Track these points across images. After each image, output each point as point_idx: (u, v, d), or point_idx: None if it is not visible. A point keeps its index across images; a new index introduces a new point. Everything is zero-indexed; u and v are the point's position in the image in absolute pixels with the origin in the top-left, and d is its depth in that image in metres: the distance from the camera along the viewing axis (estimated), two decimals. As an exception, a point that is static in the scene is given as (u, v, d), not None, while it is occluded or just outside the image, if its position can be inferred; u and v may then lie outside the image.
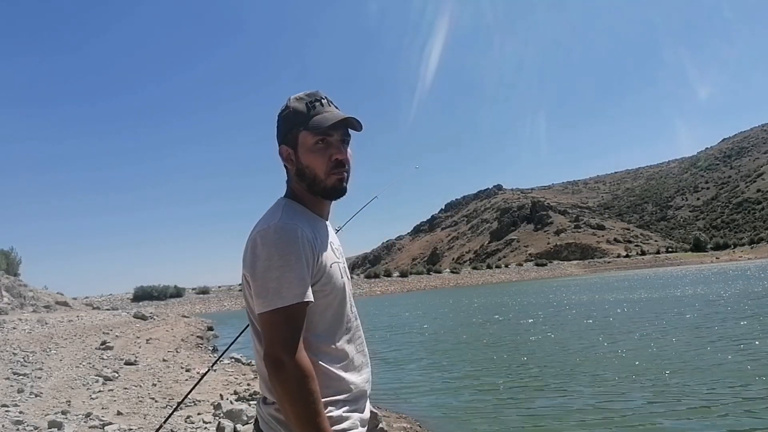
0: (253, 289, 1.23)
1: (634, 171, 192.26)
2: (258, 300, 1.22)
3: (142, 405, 6.06)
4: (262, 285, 1.21)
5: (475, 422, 6.20)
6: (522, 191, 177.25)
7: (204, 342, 16.33)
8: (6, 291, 20.20)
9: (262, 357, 1.25)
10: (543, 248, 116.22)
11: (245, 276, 1.27)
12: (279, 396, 1.19)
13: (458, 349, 12.36)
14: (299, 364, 1.17)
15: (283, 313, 1.19)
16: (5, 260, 23.94)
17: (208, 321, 25.10)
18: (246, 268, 1.26)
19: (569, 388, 7.29)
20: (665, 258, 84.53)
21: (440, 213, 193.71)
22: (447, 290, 54.17)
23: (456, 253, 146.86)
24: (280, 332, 1.19)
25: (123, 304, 41.72)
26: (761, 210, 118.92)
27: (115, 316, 21.36)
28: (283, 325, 1.19)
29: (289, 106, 1.38)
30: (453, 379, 8.83)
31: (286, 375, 1.16)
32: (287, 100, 1.40)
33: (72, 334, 12.88)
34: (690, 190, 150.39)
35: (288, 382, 1.16)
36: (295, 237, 1.23)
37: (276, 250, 1.22)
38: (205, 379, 3.46)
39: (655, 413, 5.79)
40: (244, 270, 1.27)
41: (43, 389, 6.43)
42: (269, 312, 1.20)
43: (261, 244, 1.23)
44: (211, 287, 53.61)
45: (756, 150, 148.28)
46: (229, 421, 5.18)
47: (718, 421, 5.39)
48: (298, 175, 1.37)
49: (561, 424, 5.80)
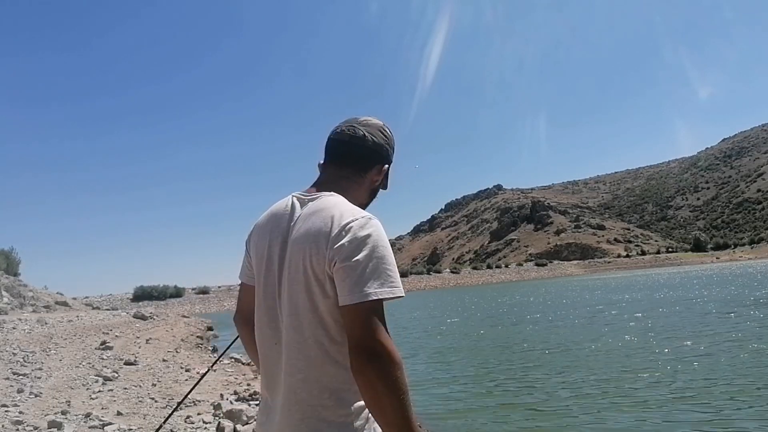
0: (355, 277, 1.13)
1: (634, 171, 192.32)
2: (362, 288, 1.12)
3: (142, 405, 6.05)
4: (376, 272, 1.14)
5: (475, 422, 6.19)
6: (522, 191, 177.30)
7: (204, 342, 16.32)
8: (6, 291, 20.20)
9: (331, 354, 1.18)
10: (543, 248, 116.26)
11: (335, 257, 1.15)
12: (375, 387, 1.08)
13: (459, 348, 12.35)
14: (397, 353, 1.11)
15: (384, 303, 1.14)
16: (5, 260, 23.93)
17: (207, 321, 25.10)
18: (342, 254, 1.15)
19: (570, 388, 7.29)
20: (665, 258, 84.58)
21: (440, 213, 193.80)
22: (447, 290, 54.20)
23: (456, 253, 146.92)
24: (381, 321, 1.12)
25: (123, 304, 41.73)
26: (761, 210, 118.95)
27: (115, 316, 21.35)
28: (382, 315, 1.13)
29: (392, 136, 1.47)
30: (453, 378, 8.83)
31: (386, 364, 1.08)
32: (388, 127, 1.46)
33: (72, 334, 12.86)
34: (690, 190, 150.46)
35: (390, 371, 1.08)
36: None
37: (385, 242, 1.19)
38: (205, 379, 3.46)
39: (657, 413, 5.79)
40: (337, 257, 1.15)
41: (43, 389, 6.42)
42: (377, 301, 1.12)
43: (371, 232, 1.17)
44: (211, 287, 53.65)
45: (756, 150, 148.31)
46: (229, 421, 5.17)
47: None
48: (373, 191, 1.45)
49: (562, 424, 5.79)
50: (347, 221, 1.18)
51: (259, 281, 1.30)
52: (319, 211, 1.23)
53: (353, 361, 1.10)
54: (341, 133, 1.39)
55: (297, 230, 1.24)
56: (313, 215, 1.23)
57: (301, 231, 1.22)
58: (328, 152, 1.40)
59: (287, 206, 1.31)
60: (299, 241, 1.21)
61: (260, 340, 1.29)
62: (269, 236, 1.30)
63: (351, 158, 1.37)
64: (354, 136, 1.37)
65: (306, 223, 1.23)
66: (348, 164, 1.37)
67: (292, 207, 1.30)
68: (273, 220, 1.32)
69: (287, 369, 1.21)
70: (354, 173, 1.38)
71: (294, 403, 1.19)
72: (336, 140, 1.39)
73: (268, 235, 1.30)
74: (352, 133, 1.37)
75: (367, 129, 1.40)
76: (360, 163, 1.38)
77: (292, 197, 1.33)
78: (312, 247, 1.18)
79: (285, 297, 1.22)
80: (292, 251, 1.22)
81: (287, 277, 1.22)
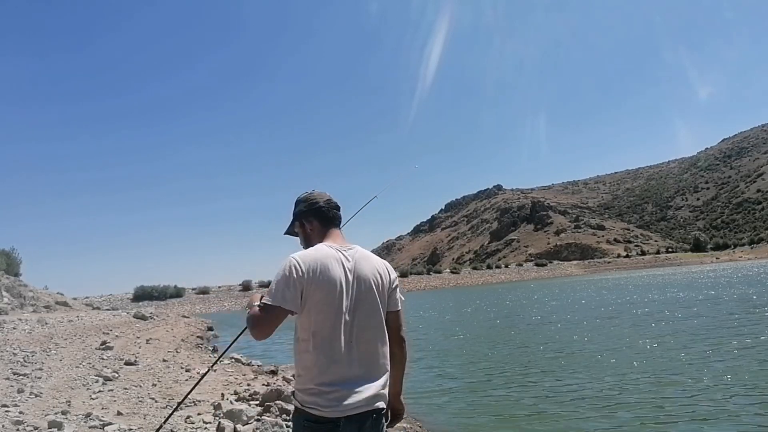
0: (399, 291, 2.11)
1: (634, 171, 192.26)
2: (400, 297, 2.11)
3: (142, 405, 6.06)
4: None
5: (475, 422, 6.21)
6: (522, 191, 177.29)
7: (204, 342, 16.34)
8: (6, 291, 20.21)
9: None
10: (543, 248, 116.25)
11: (393, 284, 2.08)
12: (405, 363, 2.11)
13: (459, 349, 12.36)
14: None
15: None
16: (6, 260, 23.93)
17: (208, 321, 25.13)
18: (394, 281, 2.09)
19: (571, 388, 7.29)
20: (665, 258, 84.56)
21: (440, 213, 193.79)
22: (447, 290, 54.19)
23: (456, 253, 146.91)
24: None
25: (123, 304, 41.74)
26: (761, 210, 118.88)
27: (115, 316, 21.36)
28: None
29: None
30: (453, 378, 8.84)
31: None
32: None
33: (72, 334, 12.87)
34: (690, 190, 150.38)
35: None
36: None
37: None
38: (205, 379, 3.47)
39: (657, 417, 5.80)
40: (395, 281, 2.10)
41: (43, 389, 6.43)
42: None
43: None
44: (211, 287, 53.64)
45: (756, 150, 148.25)
46: (229, 421, 5.17)
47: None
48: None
49: (562, 424, 5.80)
50: (383, 263, 2.12)
51: (333, 303, 1.91)
52: (369, 257, 2.08)
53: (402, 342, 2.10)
54: (334, 202, 2.17)
55: (366, 274, 2.00)
56: (367, 259, 2.06)
57: (370, 274, 2.02)
58: (334, 219, 2.13)
59: (338, 252, 2.00)
60: (373, 283, 2.02)
61: (340, 341, 1.90)
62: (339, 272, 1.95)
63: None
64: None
65: (368, 263, 2.04)
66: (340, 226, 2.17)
67: (340, 252, 2.00)
68: (346, 267, 1.99)
69: (369, 357, 1.95)
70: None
71: (373, 373, 1.95)
72: (337, 208, 2.16)
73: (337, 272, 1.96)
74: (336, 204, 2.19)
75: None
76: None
77: (333, 248, 2.01)
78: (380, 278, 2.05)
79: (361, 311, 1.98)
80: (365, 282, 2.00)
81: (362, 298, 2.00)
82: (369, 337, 1.94)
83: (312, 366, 1.86)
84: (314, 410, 1.82)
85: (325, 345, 1.86)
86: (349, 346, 1.89)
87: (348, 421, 1.81)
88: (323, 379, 1.84)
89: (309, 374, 1.86)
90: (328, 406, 1.81)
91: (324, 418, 1.81)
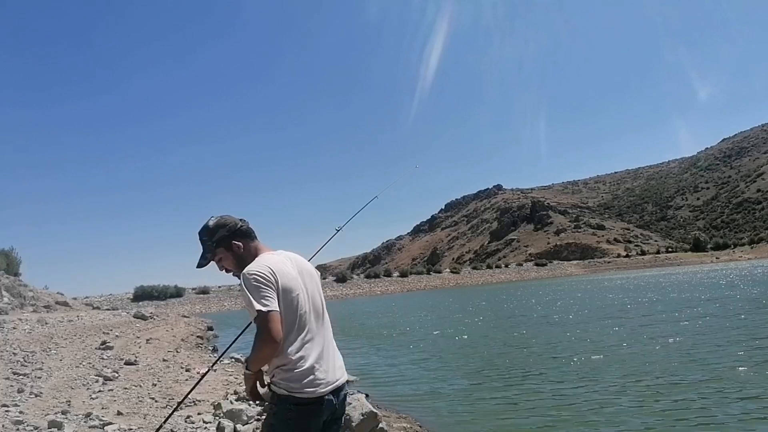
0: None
1: (634, 171, 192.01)
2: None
3: (142, 405, 6.06)
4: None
5: (475, 422, 6.20)
6: (522, 191, 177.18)
7: (204, 342, 16.35)
8: (6, 291, 20.19)
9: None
10: (543, 248, 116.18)
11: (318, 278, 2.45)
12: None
13: (459, 349, 12.36)
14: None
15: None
16: (6, 260, 23.92)
17: (208, 321, 25.13)
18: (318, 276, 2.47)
19: (572, 390, 7.29)
20: (665, 258, 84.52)
21: (440, 213, 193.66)
22: (447, 290, 54.20)
23: (456, 253, 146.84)
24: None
25: (123, 304, 41.72)
26: (761, 210, 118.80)
27: (115, 316, 21.36)
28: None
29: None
30: (454, 378, 8.84)
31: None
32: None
33: (72, 334, 12.87)
34: (690, 190, 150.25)
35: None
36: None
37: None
38: (205, 379, 3.46)
39: (659, 416, 5.79)
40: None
41: (43, 389, 6.43)
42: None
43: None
44: (211, 287, 53.60)
45: (756, 150, 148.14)
46: (229, 421, 5.18)
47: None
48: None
49: (562, 424, 5.80)
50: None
51: (299, 297, 2.21)
52: (300, 257, 2.42)
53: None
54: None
55: (305, 269, 2.35)
56: (301, 259, 2.40)
57: (308, 269, 2.37)
58: (253, 233, 2.36)
59: (280, 255, 2.32)
60: (311, 274, 2.37)
61: (310, 326, 2.21)
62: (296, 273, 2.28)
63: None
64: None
65: (304, 262, 2.40)
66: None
67: (282, 255, 2.33)
68: (293, 265, 2.31)
69: (327, 335, 2.30)
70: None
71: (334, 350, 2.34)
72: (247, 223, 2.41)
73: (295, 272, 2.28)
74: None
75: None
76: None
77: (275, 253, 2.33)
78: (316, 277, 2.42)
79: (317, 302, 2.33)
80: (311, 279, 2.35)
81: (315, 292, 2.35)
82: (324, 323, 2.30)
83: (295, 353, 2.11)
84: (303, 394, 2.08)
85: (302, 333, 2.15)
86: (315, 332, 2.22)
87: (335, 395, 2.18)
88: (307, 364, 2.11)
89: (294, 362, 2.10)
90: (319, 384, 2.12)
91: (312, 398, 2.09)
